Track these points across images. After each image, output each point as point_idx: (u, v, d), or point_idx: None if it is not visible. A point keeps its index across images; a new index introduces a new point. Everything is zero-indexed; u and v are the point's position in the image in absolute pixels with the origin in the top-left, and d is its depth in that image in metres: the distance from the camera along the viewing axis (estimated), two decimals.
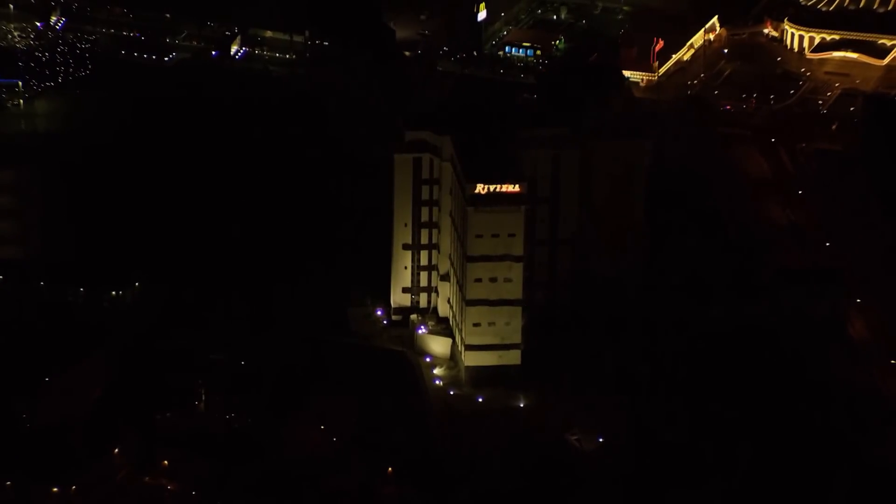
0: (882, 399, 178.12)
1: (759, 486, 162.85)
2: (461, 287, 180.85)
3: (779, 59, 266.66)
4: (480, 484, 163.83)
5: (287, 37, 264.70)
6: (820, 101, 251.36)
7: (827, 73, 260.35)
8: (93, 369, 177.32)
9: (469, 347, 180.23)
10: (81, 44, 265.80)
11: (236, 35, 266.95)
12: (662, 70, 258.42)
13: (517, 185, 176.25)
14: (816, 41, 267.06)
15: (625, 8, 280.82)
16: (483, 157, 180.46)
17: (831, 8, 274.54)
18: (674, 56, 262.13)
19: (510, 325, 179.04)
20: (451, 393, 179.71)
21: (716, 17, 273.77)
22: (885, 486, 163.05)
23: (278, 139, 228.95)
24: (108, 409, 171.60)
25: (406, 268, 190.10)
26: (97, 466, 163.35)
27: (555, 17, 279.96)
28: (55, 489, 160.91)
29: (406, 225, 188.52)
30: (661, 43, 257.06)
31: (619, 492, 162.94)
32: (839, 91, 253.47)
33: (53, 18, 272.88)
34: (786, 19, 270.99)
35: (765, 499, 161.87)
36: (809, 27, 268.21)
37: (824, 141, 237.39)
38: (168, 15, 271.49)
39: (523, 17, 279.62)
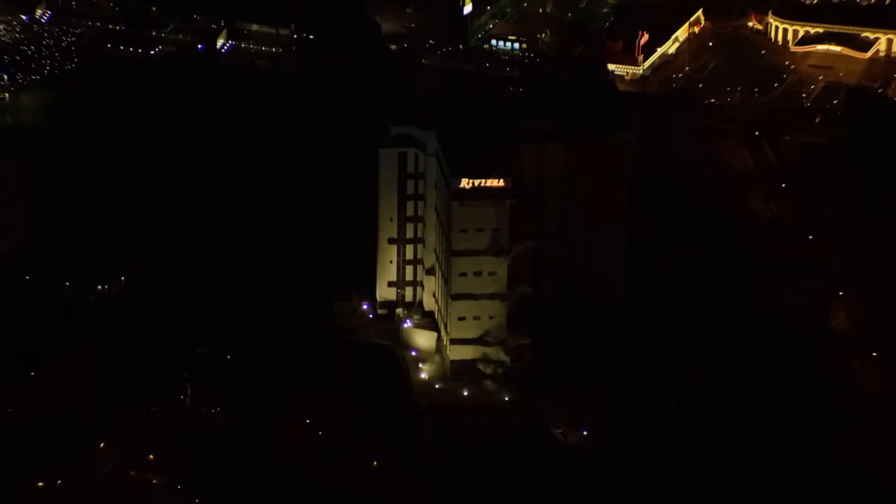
0: (863, 390, 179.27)
1: (741, 479, 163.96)
2: (446, 281, 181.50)
3: (763, 52, 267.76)
4: (466, 477, 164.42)
5: (273, 30, 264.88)
6: (804, 95, 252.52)
7: (811, 66, 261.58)
8: (78, 364, 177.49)
9: (454, 341, 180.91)
10: (67, 37, 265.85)
11: (222, 29, 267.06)
12: (647, 63, 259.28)
13: (502, 180, 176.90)
14: (800, 34, 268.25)
15: (610, 1, 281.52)
16: (468, 151, 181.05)
17: (815, 1, 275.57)
18: (658, 49, 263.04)
19: (495, 319, 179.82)
20: (437, 386, 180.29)
21: (700, 10, 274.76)
22: (866, 479, 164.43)
23: (264, 133, 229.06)
24: (93, 404, 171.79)
25: (391, 262, 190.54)
26: (82, 461, 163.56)
27: (540, 10, 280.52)
28: (40, 483, 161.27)
29: (391, 219, 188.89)
30: (646, 36, 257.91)
31: (604, 484, 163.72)
32: (823, 84, 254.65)
33: (39, 12, 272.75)
34: (770, 12, 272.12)
35: (747, 492, 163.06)
36: (793, 20, 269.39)
37: (808, 134, 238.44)
38: (154, 8, 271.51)
39: (509, 10, 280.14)
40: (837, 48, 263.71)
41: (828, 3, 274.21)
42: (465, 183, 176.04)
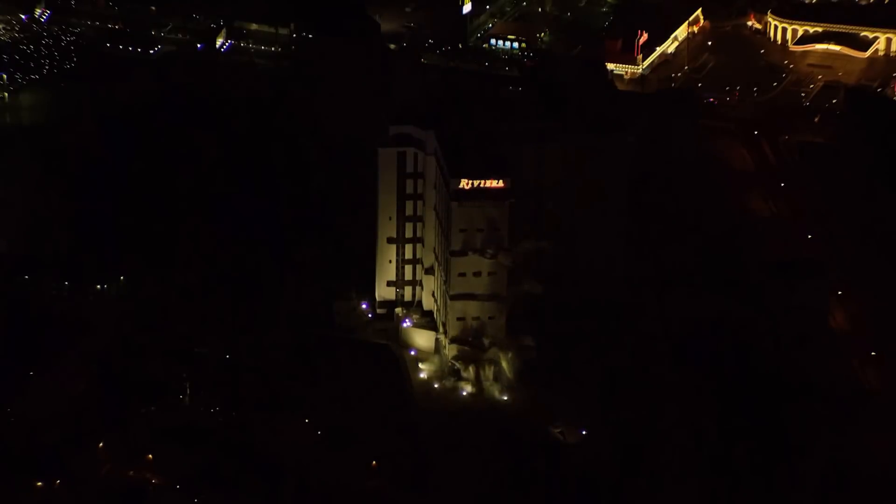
0: (861, 390, 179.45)
1: (740, 479, 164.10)
2: (445, 281, 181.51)
3: (762, 51, 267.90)
4: (465, 477, 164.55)
5: (272, 29, 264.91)
6: (803, 94, 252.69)
7: (810, 65, 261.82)
8: (78, 363, 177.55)
9: (453, 341, 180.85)
10: (66, 36, 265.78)
11: (221, 28, 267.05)
12: (646, 63, 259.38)
13: (501, 181, 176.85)
14: (799, 33, 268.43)
15: (609, 0, 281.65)
16: (467, 151, 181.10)
17: (814, 0, 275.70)
18: (658, 49, 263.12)
19: (494, 319, 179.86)
20: (436, 386, 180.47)
21: (700, 9, 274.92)
22: (863, 478, 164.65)
23: (263, 132, 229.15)
24: (92, 403, 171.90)
25: (391, 261, 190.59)
26: (81, 461, 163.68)
27: (539, 9, 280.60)
28: (39, 483, 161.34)
29: (391, 219, 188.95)
30: (646, 36, 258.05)
31: (603, 484, 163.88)
32: (822, 83, 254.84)
33: (38, 11, 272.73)
34: (769, 12, 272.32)
35: (743, 491, 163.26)
36: (792, 19, 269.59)
37: (807, 133, 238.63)
38: (153, 7, 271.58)
39: (508, 9, 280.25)
40: (836, 47, 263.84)
41: (827, 2, 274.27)
42: (464, 183, 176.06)
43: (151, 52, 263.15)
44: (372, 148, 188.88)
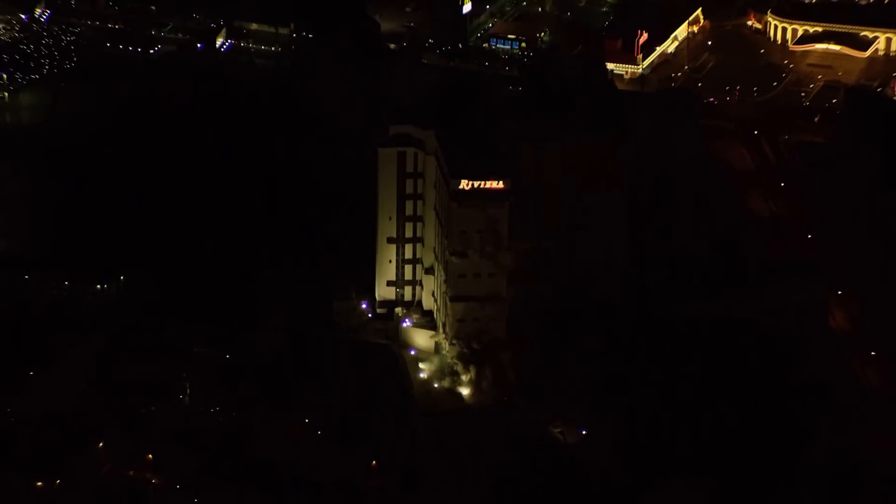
0: (862, 390, 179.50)
1: (740, 479, 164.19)
2: (445, 281, 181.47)
3: (762, 51, 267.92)
4: (464, 477, 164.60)
5: (272, 29, 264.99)
6: (803, 94, 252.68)
7: (810, 65, 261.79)
8: (77, 363, 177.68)
9: (453, 341, 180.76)
10: (66, 36, 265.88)
11: (221, 27, 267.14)
12: (646, 63, 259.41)
13: (501, 182, 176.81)
14: (799, 33, 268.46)
15: (609, 0, 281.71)
16: (467, 151, 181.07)
17: (814, 0, 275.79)
18: (658, 48, 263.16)
19: (494, 320, 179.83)
20: (436, 386, 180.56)
21: (700, 9, 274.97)
22: (863, 477, 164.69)
23: (263, 132, 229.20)
24: (92, 403, 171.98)
25: (391, 261, 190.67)
26: (81, 460, 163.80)
27: (539, 9, 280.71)
28: (39, 483, 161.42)
29: (390, 218, 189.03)
30: (646, 35, 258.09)
31: (601, 485, 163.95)
32: (822, 83, 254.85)
33: (38, 11, 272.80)
34: (769, 11, 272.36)
35: (743, 491, 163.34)
36: (792, 19, 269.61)
37: (807, 133, 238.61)
38: (153, 7, 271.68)
39: (508, 9, 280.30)
40: (836, 47, 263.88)
41: (827, 2, 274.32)
42: (464, 184, 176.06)
43: (151, 52, 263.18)
44: (372, 148, 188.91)
